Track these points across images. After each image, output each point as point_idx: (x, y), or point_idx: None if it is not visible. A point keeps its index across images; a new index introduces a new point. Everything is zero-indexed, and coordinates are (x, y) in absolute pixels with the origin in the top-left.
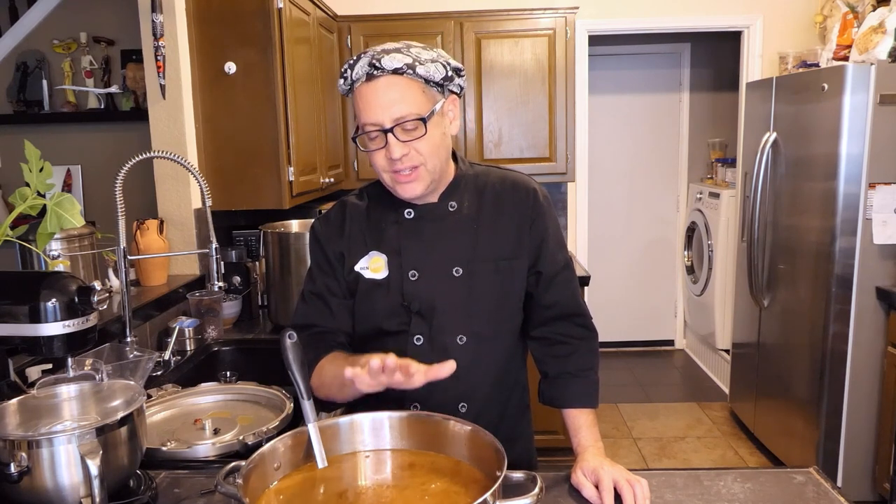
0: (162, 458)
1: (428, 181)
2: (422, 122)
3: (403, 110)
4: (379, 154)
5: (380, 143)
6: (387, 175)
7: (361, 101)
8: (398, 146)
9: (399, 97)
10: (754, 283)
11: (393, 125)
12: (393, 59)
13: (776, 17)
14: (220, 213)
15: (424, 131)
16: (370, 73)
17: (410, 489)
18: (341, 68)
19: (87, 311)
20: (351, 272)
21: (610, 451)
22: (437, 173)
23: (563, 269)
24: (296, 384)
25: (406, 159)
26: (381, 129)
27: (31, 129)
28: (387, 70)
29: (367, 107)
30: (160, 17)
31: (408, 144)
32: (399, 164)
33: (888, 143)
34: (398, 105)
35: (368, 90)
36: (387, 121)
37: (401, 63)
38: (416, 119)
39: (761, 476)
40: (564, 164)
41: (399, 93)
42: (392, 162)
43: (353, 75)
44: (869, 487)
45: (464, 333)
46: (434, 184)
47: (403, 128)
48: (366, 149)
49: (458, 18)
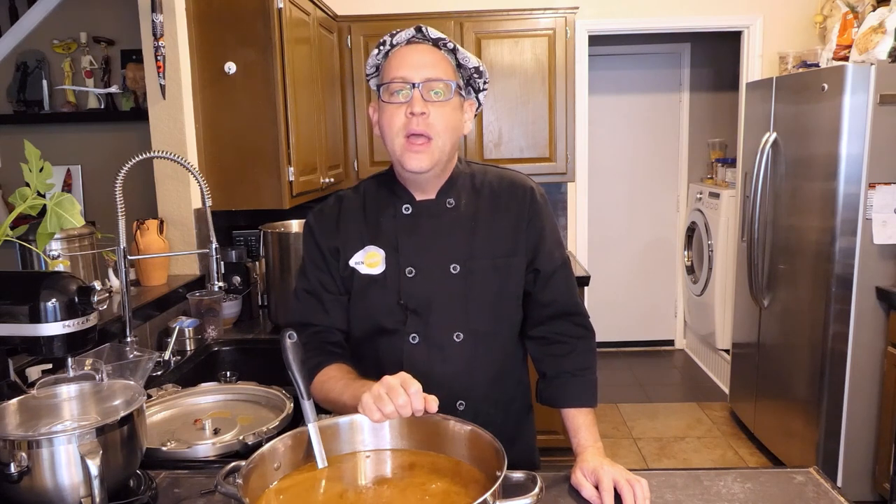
0: (162, 458)
1: (436, 158)
2: (450, 85)
3: (435, 73)
4: (398, 111)
5: (402, 99)
6: (399, 140)
7: (395, 60)
8: (420, 101)
9: (433, 63)
10: (754, 283)
11: (421, 82)
12: (436, 32)
13: (776, 17)
14: (220, 213)
15: (449, 95)
16: (412, 37)
17: (411, 489)
18: (376, 46)
19: (87, 311)
20: (346, 267)
21: (610, 451)
22: (444, 156)
23: (561, 268)
24: (296, 384)
25: (423, 121)
26: (410, 84)
27: (31, 129)
28: (429, 38)
29: (402, 63)
30: (160, 17)
31: (428, 105)
32: (416, 122)
33: (888, 143)
34: (431, 68)
35: (406, 50)
36: (417, 76)
37: (442, 35)
38: (444, 82)
39: (761, 476)
40: (564, 164)
41: (433, 59)
42: (410, 120)
43: (394, 40)
44: (869, 487)
45: (461, 331)
46: (438, 167)
47: (429, 88)
48: (387, 100)
49: (458, 18)
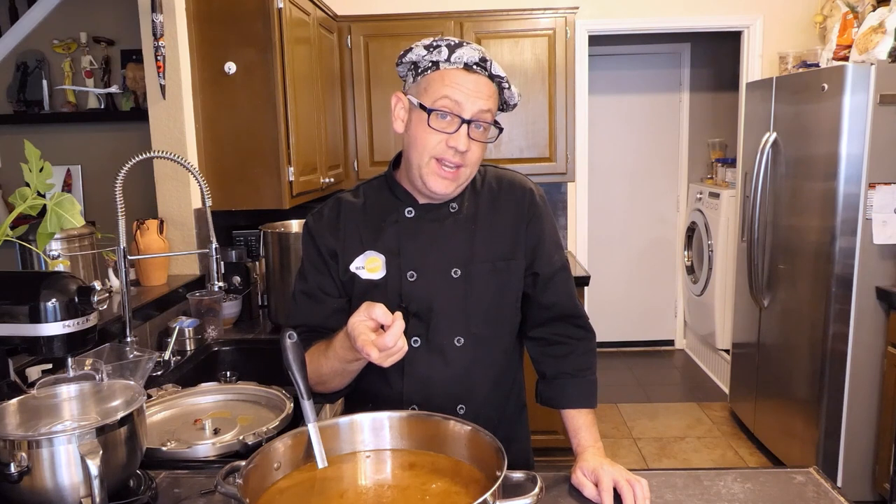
0: (162, 458)
1: (461, 183)
2: (493, 126)
3: (487, 106)
4: (437, 135)
5: (449, 128)
6: (430, 161)
7: (449, 80)
8: (465, 139)
9: (486, 96)
10: (754, 283)
11: (472, 118)
12: (499, 68)
13: (776, 17)
14: (220, 213)
15: (489, 136)
16: (472, 65)
17: (411, 489)
18: (427, 45)
19: (87, 311)
20: (346, 272)
21: (610, 451)
22: (467, 182)
23: (560, 270)
24: (296, 384)
25: (461, 156)
26: (460, 117)
27: (31, 129)
28: (488, 73)
29: (458, 88)
30: (160, 17)
31: (471, 143)
32: (453, 155)
33: (888, 143)
34: (485, 101)
35: (462, 75)
36: (469, 110)
37: (503, 74)
38: (490, 122)
39: (761, 476)
40: (564, 164)
41: (488, 93)
42: (449, 150)
43: (452, 56)
44: (869, 487)
45: (462, 335)
46: (459, 190)
47: (478, 124)
48: (431, 124)
49: (458, 18)
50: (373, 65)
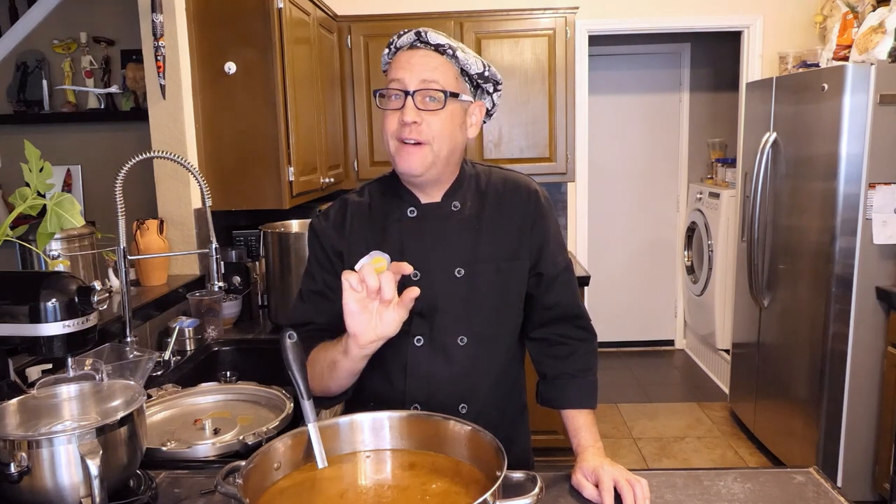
0: (162, 458)
1: (429, 162)
2: (443, 94)
3: (431, 77)
4: (392, 116)
5: (396, 105)
6: (393, 142)
7: (395, 63)
8: (412, 110)
9: (431, 68)
10: (754, 283)
11: (416, 89)
12: (438, 36)
13: (776, 17)
14: (220, 213)
15: (442, 105)
16: (414, 42)
17: (411, 489)
18: (387, 45)
19: (87, 311)
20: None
21: (610, 451)
22: (440, 161)
23: (564, 271)
24: (296, 384)
25: (415, 129)
26: (404, 91)
27: (31, 129)
28: (430, 44)
29: (399, 67)
30: (160, 17)
31: (422, 113)
32: (408, 131)
33: (888, 143)
34: (428, 72)
35: (406, 54)
36: (412, 83)
37: (444, 41)
38: (438, 90)
39: (761, 476)
40: (564, 165)
41: (433, 65)
42: (402, 127)
43: (399, 42)
44: (869, 487)
45: (465, 334)
46: (434, 170)
47: (424, 95)
48: (383, 106)
49: (458, 18)
50: (373, 65)
